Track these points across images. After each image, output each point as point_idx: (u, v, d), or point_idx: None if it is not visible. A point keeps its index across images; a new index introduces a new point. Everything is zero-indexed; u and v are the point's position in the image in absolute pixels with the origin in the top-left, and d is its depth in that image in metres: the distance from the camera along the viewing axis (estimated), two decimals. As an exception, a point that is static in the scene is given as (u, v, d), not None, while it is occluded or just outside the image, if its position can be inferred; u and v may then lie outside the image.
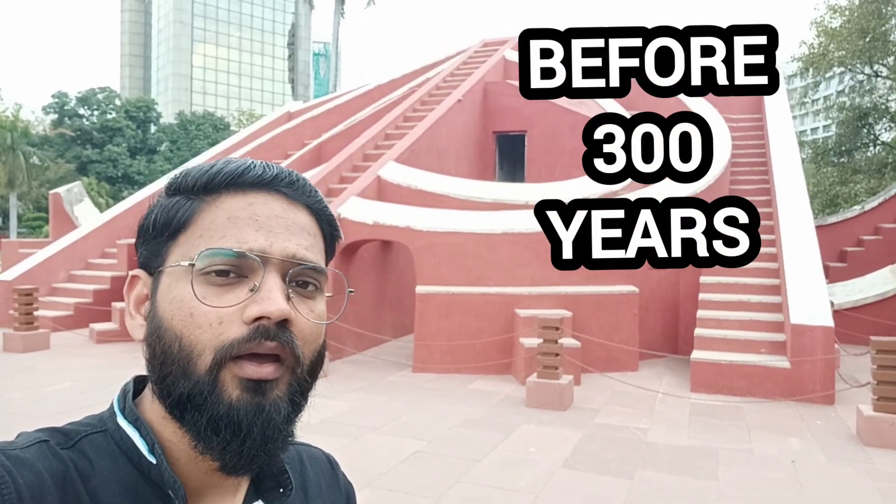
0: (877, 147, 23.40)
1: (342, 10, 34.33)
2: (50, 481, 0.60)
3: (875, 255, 13.52)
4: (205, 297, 0.64)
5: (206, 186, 0.68)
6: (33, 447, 0.62)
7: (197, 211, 0.68)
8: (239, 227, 0.66)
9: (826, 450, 5.90)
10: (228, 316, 0.64)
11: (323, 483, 0.85)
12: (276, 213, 0.68)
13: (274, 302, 0.64)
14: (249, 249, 0.65)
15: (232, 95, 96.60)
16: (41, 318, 10.51)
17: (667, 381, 8.49)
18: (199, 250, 0.65)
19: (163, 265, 0.68)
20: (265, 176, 0.69)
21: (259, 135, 17.24)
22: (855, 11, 20.80)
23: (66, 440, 0.65)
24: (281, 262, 0.66)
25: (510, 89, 14.89)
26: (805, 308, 7.83)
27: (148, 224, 0.70)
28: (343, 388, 7.77)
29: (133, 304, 0.72)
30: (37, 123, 50.85)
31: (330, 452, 0.92)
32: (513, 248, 9.16)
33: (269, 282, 0.65)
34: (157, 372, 0.66)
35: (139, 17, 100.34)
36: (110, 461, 0.65)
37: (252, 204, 0.68)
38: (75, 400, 7.05)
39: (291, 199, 0.70)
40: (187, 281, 0.65)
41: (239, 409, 0.63)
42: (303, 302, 0.68)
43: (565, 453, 5.68)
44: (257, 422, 0.63)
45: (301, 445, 0.84)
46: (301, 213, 0.71)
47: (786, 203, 10.06)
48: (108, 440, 0.67)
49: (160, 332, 0.66)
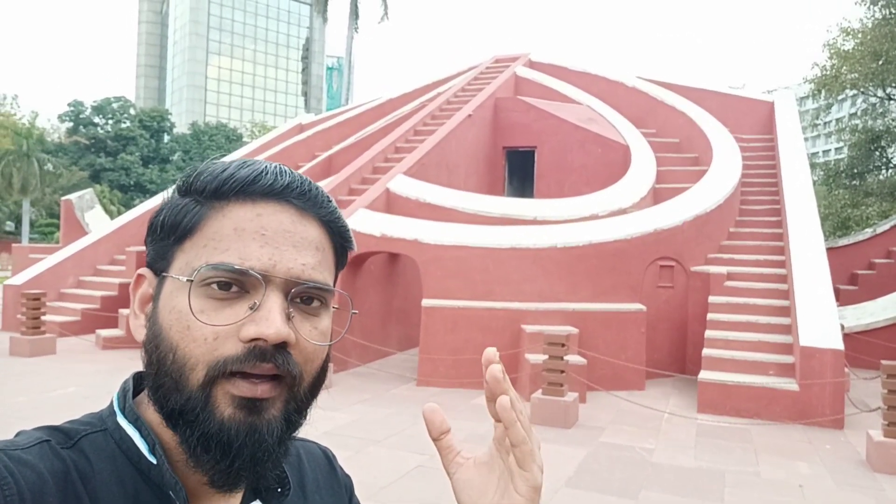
0: (889, 170, 23.26)
1: (356, 24, 34.64)
2: (51, 482, 0.59)
3: (886, 279, 13.40)
4: (202, 313, 0.63)
5: (215, 192, 0.67)
6: (35, 447, 0.61)
7: (204, 218, 0.66)
8: (244, 241, 0.64)
9: (835, 475, 5.80)
10: (224, 333, 0.62)
11: (320, 478, 0.84)
12: (285, 227, 0.66)
13: (272, 324, 0.62)
14: (251, 267, 0.63)
15: (245, 107, 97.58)
16: (48, 322, 10.55)
17: (673, 401, 8.40)
18: (201, 261, 0.64)
19: (168, 269, 0.67)
20: (276, 185, 0.67)
21: (270, 146, 17.36)
22: (868, 34, 20.77)
23: (66, 440, 0.64)
24: (284, 281, 0.65)
25: (521, 105, 14.94)
26: (815, 330, 7.74)
27: (157, 224, 0.69)
28: (346, 401, 7.74)
29: (138, 304, 0.71)
30: (52, 131, 51.53)
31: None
32: (520, 262, 9.13)
33: (269, 301, 0.63)
34: (152, 380, 0.65)
35: (156, 29, 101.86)
36: (110, 461, 0.64)
37: (260, 215, 0.66)
38: (80, 405, 7.04)
39: (302, 211, 0.68)
40: (186, 294, 0.63)
41: (230, 428, 0.62)
42: (306, 319, 0.67)
43: (569, 472, 5.61)
44: (248, 442, 0.62)
45: (298, 442, 0.83)
46: (311, 227, 0.68)
47: (796, 224, 9.99)
48: (108, 440, 0.66)
49: (158, 341, 0.65)
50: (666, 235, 9.58)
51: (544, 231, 9.59)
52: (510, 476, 0.68)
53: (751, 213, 12.03)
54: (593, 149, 13.78)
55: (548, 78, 16.99)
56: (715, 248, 10.74)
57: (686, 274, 10.12)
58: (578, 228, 9.65)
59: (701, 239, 10.33)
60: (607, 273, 9.20)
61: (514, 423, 0.66)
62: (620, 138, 13.86)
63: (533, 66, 18.19)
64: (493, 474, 0.69)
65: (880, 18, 20.62)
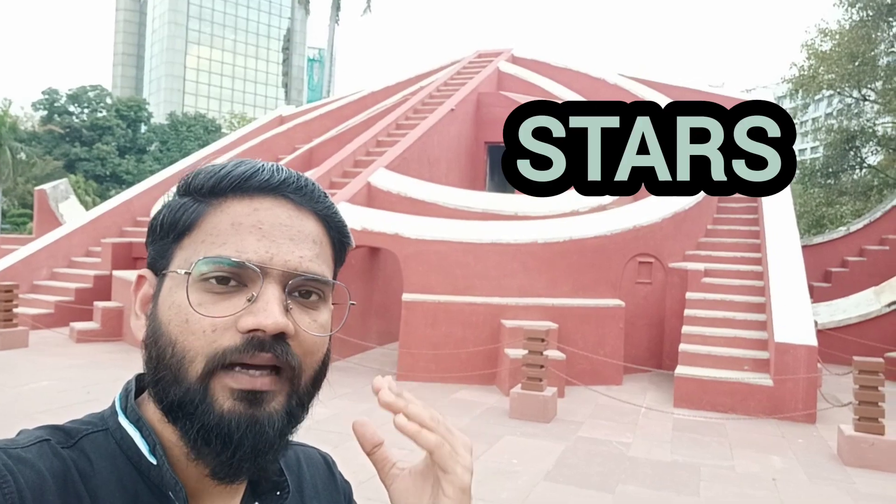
0: (863, 170, 23.68)
1: (338, 16, 34.43)
2: (51, 481, 0.59)
3: (859, 277, 13.65)
4: (200, 305, 0.63)
5: (212, 189, 0.67)
6: (34, 446, 0.61)
7: (202, 214, 0.67)
8: (241, 235, 0.65)
9: (807, 468, 5.91)
10: (223, 324, 0.63)
11: (319, 484, 0.84)
12: (281, 221, 0.67)
13: (270, 315, 0.63)
14: (248, 259, 0.64)
15: (224, 98, 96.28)
16: (21, 315, 10.35)
17: (650, 396, 8.49)
18: (199, 256, 0.65)
19: (167, 267, 0.68)
20: (272, 181, 0.68)
21: (250, 137, 17.19)
22: (845, 36, 21.09)
23: (67, 439, 0.64)
24: (281, 273, 0.65)
25: (503, 100, 14.94)
26: (789, 327, 7.87)
27: (156, 224, 0.70)
28: (326, 395, 7.52)
29: (139, 304, 0.71)
30: (25, 119, 50.45)
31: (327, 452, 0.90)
32: (500, 258, 9.15)
33: (266, 293, 0.64)
34: (152, 375, 0.66)
35: (134, 17, 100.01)
36: (110, 461, 0.64)
37: (257, 210, 0.67)
38: (54, 399, 6.91)
39: (299, 206, 0.69)
40: (184, 288, 0.64)
41: (230, 420, 0.62)
42: (305, 312, 0.67)
43: (548, 466, 5.65)
44: (249, 434, 0.63)
45: (298, 446, 0.84)
46: (308, 221, 0.69)
47: (773, 222, 10.14)
48: (109, 439, 0.66)
49: (157, 336, 0.65)
50: (645, 232, 9.67)
51: (525, 226, 9.63)
52: (439, 480, 0.69)
53: (728, 211, 12.19)
54: (574, 145, 13.82)
55: (530, 73, 17.01)
56: (693, 245, 10.87)
57: (664, 270, 10.23)
58: (559, 224, 9.69)
59: (679, 236, 10.44)
60: (587, 269, 9.26)
61: (417, 432, 0.68)
62: (601, 135, 13.92)
63: (516, 61, 18.21)
64: (427, 482, 0.71)
65: (857, 20, 20.96)
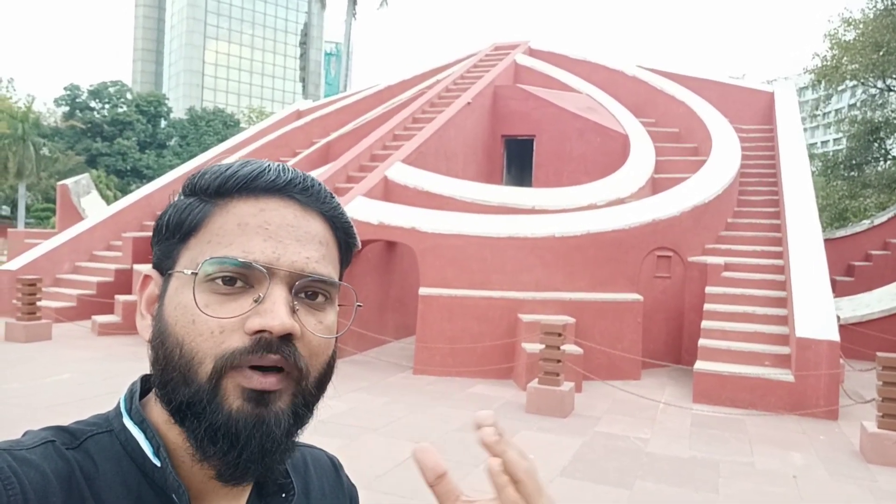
0: (887, 162, 23.21)
1: (354, 10, 34.41)
2: (55, 482, 0.59)
3: (883, 271, 13.43)
4: (207, 306, 0.63)
5: (218, 190, 0.67)
6: (39, 448, 0.61)
7: (208, 215, 0.67)
8: (247, 235, 0.65)
9: (828, 465, 5.82)
10: (230, 325, 0.63)
11: (326, 486, 0.84)
12: (288, 222, 0.67)
13: (276, 316, 0.62)
14: (255, 260, 0.64)
15: (243, 93, 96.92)
16: (44, 308, 10.53)
17: (669, 392, 8.43)
18: (205, 256, 0.64)
19: (173, 267, 0.67)
20: (278, 181, 0.67)
21: (268, 132, 17.26)
22: (869, 25, 20.64)
23: (71, 440, 0.64)
24: (288, 273, 0.65)
25: (520, 93, 14.86)
26: (811, 321, 7.75)
27: (162, 224, 0.70)
28: (343, 389, 7.74)
29: (144, 304, 0.71)
30: (48, 115, 51.14)
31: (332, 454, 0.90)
32: (517, 252, 9.11)
33: (273, 294, 0.64)
34: (159, 376, 0.66)
35: (153, 13, 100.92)
36: (114, 462, 0.64)
37: (263, 210, 0.66)
38: (74, 392, 7.02)
39: (305, 206, 0.68)
40: (191, 288, 0.64)
41: (238, 420, 0.62)
42: (311, 314, 0.67)
43: (564, 461, 5.62)
44: (256, 434, 0.62)
45: (305, 448, 0.83)
46: (314, 221, 0.69)
47: (794, 215, 9.99)
48: (114, 441, 0.66)
49: (164, 337, 0.65)
50: (664, 226, 9.57)
51: (542, 220, 9.57)
52: None
53: (749, 204, 12.01)
54: (592, 138, 13.73)
55: (547, 66, 16.89)
56: (713, 239, 10.74)
57: (683, 264, 10.12)
58: (576, 218, 9.63)
59: (699, 229, 10.32)
60: (605, 263, 9.19)
61: (504, 487, 0.59)
62: (620, 127, 13.80)
63: (532, 53, 18.08)
64: None
65: (882, 9, 20.50)
